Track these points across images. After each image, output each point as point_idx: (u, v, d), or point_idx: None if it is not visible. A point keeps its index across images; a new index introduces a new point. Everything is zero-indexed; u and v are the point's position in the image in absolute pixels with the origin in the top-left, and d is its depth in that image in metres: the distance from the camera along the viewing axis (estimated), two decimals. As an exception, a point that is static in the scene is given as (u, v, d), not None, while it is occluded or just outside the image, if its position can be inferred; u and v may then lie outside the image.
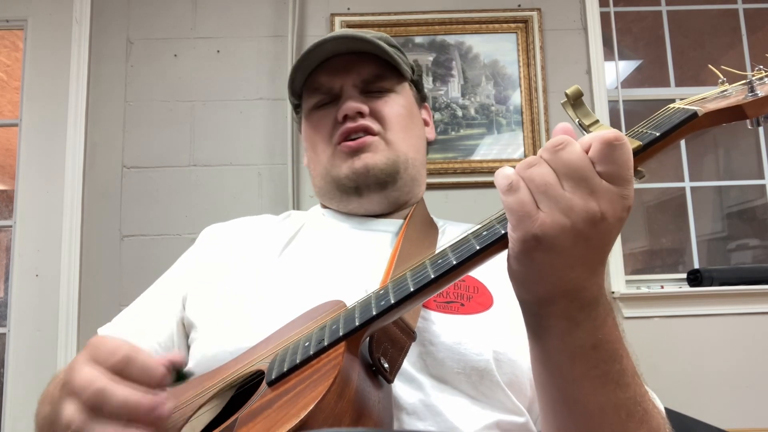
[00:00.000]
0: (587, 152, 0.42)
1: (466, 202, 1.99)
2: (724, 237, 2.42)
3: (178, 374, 0.47)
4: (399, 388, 0.56)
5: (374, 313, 0.48)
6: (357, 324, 0.48)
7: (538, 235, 0.41)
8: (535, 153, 2.15)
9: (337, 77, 0.80)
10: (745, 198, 2.41)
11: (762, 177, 2.19)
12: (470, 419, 0.58)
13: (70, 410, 0.42)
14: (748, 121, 0.47)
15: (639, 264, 2.38)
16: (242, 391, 0.55)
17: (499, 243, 0.45)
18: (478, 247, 0.45)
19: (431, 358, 0.60)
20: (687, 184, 2.17)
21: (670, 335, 1.90)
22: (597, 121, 0.49)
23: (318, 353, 0.48)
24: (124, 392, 0.42)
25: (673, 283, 2.03)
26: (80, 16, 2.04)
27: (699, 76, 2.38)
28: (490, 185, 1.99)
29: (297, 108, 0.90)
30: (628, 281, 2.00)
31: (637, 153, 0.45)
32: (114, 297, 1.92)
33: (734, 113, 0.47)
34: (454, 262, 0.45)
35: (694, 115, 0.46)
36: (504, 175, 0.45)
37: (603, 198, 0.42)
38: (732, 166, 2.43)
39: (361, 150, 0.77)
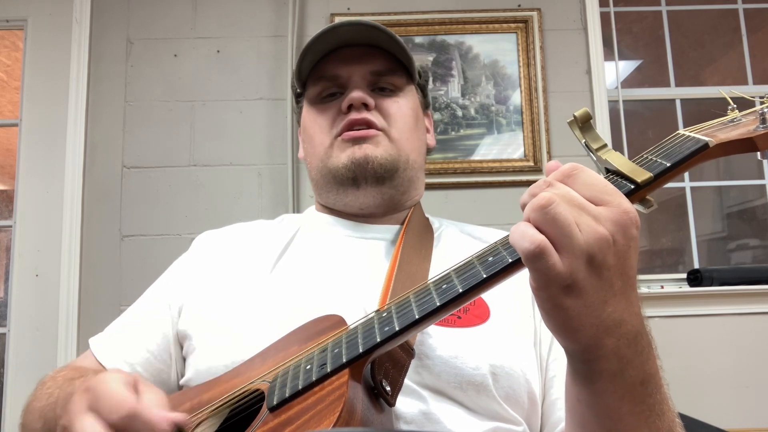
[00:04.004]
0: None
1: (466, 202, 1.99)
2: (724, 237, 2.42)
3: None
4: (398, 399, 0.56)
5: (378, 340, 0.47)
6: (361, 351, 0.47)
7: (566, 286, 0.40)
8: (535, 153, 2.12)
9: (346, 67, 0.78)
10: (745, 198, 2.41)
11: (762, 177, 2.19)
12: (468, 427, 0.58)
13: None
14: (759, 153, 0.46)
15: (639, 264, 2.37)
16: (240, 410, 0.54)
17: (506, 271, 0.44)
18: (484, 276, 0.44)
19: (427, 371, 0.59)
20: (687, 184, 2.17)
21: (670, 335, 1.89)
22: (605, 146, 0.48)
23: (320, 380, 0.47)
24: None
25: (673, 283, 2.03)
26: (80, 16, 2.04)
27: (699, 76, 2.37)
28: (490, 185, 1.99)
29: (298, 97, 0.87)
30: (628, 281, 2.00)
31: (648, 184, 0.44)
32: (114, 297, 1.91)
33: (745, 145, 0.46)
34: (461, 290, 0.45)
35: (706, 146, 0.45)
36: (523, 235, 0.41)
37: (606, 221, 0.41)
38: (732, 166, 2.43)
39: (363, 140, 0.75)
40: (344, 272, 0.71)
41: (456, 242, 0.78)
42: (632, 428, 0.46)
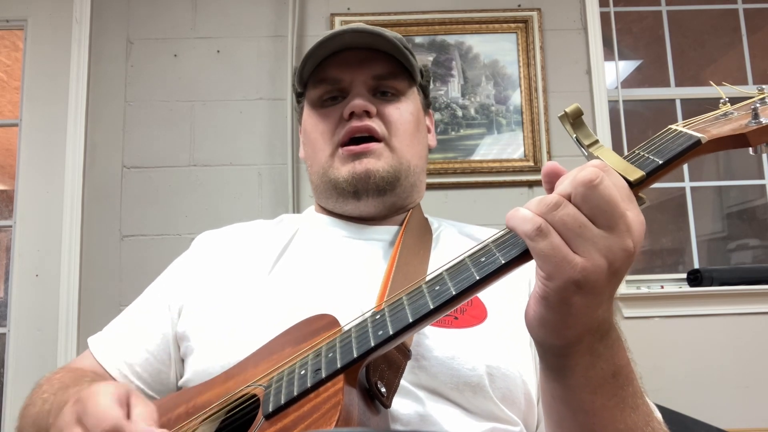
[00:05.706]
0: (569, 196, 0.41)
1: (466, 202, 1.99)
2: (724, 237, 2.42)
3: None
4: (394, 401, 0.55)
5: (372, 344, 0.47)
6: (355, 356, 0.47)
7: (579, 281, 0.40)
8: (535, 153, 2.12)
9: (348, 71, 0.77)
10: (745, 198, 2.41)
11: (762, 177, 2.19)
12: (465, 428, 0.58)
13: None
14: (750, 148, 0.46)
15: (639, 264, 2.38)
16: (235, 416, 0.54)
17: (499, 272, 0.44)
18: (477, 278, 0.44)
19: (424, 372, 0.59)
20: (687, 184, 2.17)
21: (670, 335, 1.90)
22: (596, 142, 0.48)
23: (315, 386, 0.47)
24: None
25: (673, 283, 2.03)
26: (80, 16, 2.04)
27: (699, 76, 2.37)
28: (490, 185, 1.99)
29: (299, 96, 0.86)
30: (628, 281, 2.00)
31: (640, 182, 0.44)
32: (114, 297, 1.91)
33: (738, 140, 0.46)
34: (454, 293, 0.45)
35: (698, 142, 0.45)
36: (524, 218, 0.42)
37: (635, 232, 0.41)
38: (732, 166, 2.43)
39: (363, 155, 0.74)
40: (342, 274, 0.71)
41: (455, 243, 0.78)
42: (607, 422, 0.47)
